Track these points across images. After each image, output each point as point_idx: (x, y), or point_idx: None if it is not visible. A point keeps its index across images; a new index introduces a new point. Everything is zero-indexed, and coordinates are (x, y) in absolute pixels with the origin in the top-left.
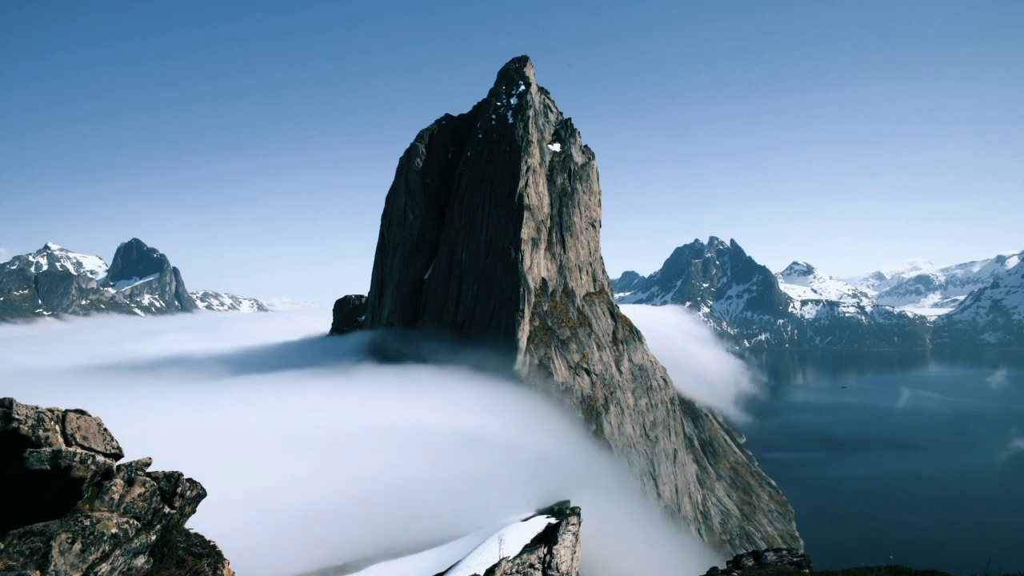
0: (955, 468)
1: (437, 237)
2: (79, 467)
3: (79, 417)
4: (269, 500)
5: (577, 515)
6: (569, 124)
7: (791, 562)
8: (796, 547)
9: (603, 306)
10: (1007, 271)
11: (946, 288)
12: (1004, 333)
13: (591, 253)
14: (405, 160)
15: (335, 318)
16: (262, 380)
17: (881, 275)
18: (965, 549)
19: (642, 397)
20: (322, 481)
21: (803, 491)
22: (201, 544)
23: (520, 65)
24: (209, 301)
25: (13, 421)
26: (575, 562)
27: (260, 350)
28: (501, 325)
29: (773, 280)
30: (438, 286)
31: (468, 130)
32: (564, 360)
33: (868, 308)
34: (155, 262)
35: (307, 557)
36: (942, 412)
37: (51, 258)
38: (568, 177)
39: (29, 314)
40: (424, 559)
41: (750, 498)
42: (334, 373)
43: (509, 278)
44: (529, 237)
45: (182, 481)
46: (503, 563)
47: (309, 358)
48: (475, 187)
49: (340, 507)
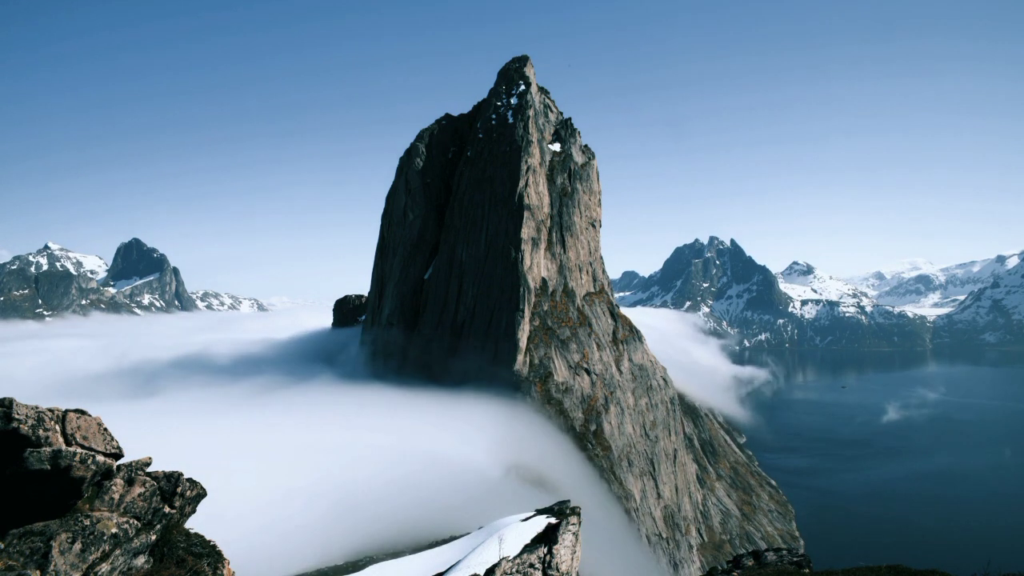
0: (955, 468)
1: (437, 237)
2: (79, 467)
3: (79, 417)
4: (269, 500)
5: (577, 515)
6: (569, 124)
7: (791, 562)
8: (796, 547)
9: (603, 306)
10: (1007, 271)
11: (946, 288)
12: (1004, 333)
13: (591, 253)
14: (405, 160)
15: (335, 317)
16: (272, 389)
17: (881, 275)
18: (965, 549)
19: (642, 397)
20: (322, 481)
21: (803, 491)
22: (201, 544)
23: (520, 65)
24: (209, 301)
25: (13, 421)
26: (575, 562)
27: (264, 352)
28: (501, 325)
29: (773, 280)
30: (438, 286)
31: (468, 130)
32: (564, 360)
33: (868, 308)
34: (155, 262)
35: (307, 557)
36: (942, 412)
37: (51, 258)
38: (568, 177)
39: (29, 314)
40: (424, 559)
41: (750, 498)
42: (338, 386)
43: (509, 278)
44: (529, 237)
45: (182, 481)
46: (503, 563)
47: (313, 364)
48: (475, 187)
49: (340, 507)
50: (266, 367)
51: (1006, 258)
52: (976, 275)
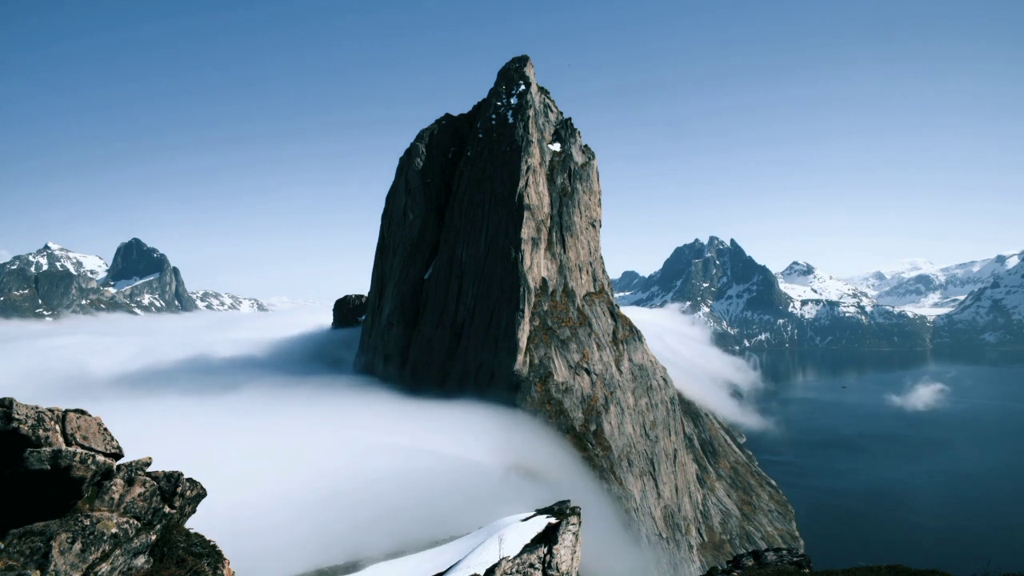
0: (955, 467)
1: (437, 237)
2: (79, 467)
3: (79, 417)
4: (269, 500)
5: (577, 515)
6: (569, 124)
7: (791, 562)
8: (796, 547)
9: (603, 306)
10: (1007, 271)
11: (946, 288)
12: (1004, 333)
13: (591, 253)
14: (405, 160)
15: (335, 317)
16: (271, 390)
17: (881, 275)
18: (966, 549)
19: (642, 397)
20: (322, 481)
21: (803, 491)
22: (201, 544)
23: (520, 65)
24: (209, 301)
25: (13, 421)
26: (575, 562)
27: (263, 352)
28: (501, 325)
29: (773, 280)
30: (438, 286)
31: (468, 130)
32: (564, 360)
33: (868, 308)
34: (155, 262)
35: (307, 557)
36: (942, 412)
37: (51, 258)
38: (568, 177)
39: (29, 314)
40: (424, 559)
41: (750, 498)
42: (338, 386)
43: (509, 278)
44: (529, 237)
45: (182, 481)
46: (503, 563)
47: (312, 364)
48: (475, 187)
49: (340, 507)
50: (266, 367)
51: (1006, 258)
52: (976, 275)
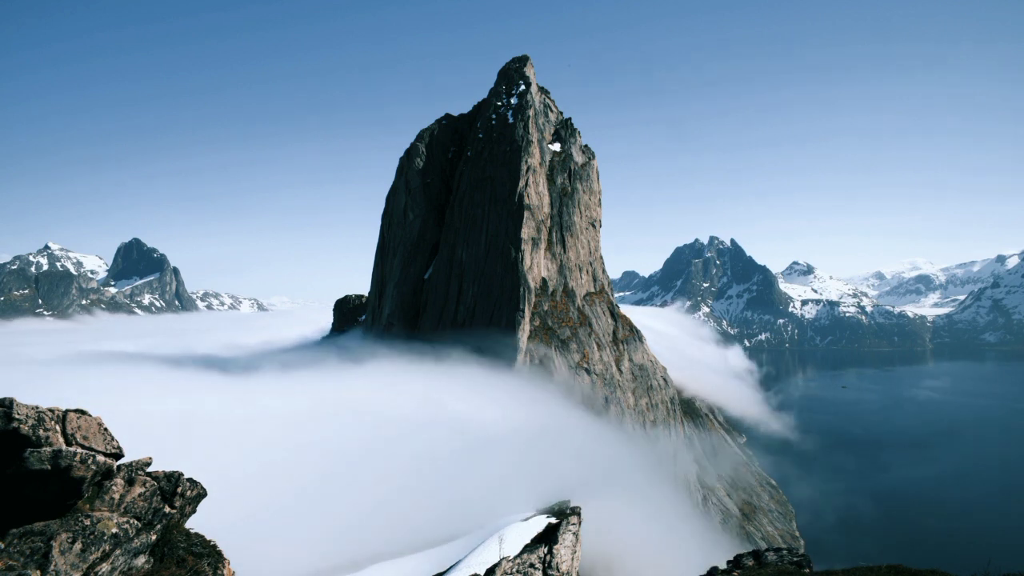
0: (955, 467)
1: (437, 237)
2: (79, 467)
3: (79, 417)
4: (269, 500)
5: (577, 515)
6: (569, 124)
7: (791, 562)
8: (796, 547)
9: (603, 306)
10: (1007, 271)
11: (946, 288)
12: (1004, 333)
13: (591, 253)
14: (405, 160)
15: (335, 318)
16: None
17: (881, 275)
18: (966, 549)
19: (642, 397)
20: (322, 481)
21: (803, 491)
22: (201, 544)
23: (520, 65)
24: (209, 301)
25: (13, 421)
26: (575, 562)
27: (263, 352)
28: (501, 325)
29: (773, 280)
30: (438, 286)
31: (468, 130)
32: (564, 360)
33: (868, 308)
34: (155, 262)
35: (307, 557)
36: (942, 412)
37: (51, 258)
38: (568, 177)
39: (29, 314)
40: (424, 559)
41: (750, 498)
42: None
43: (509, 278)
44: (529, 237)
45: (182, 481)
46: (503, 563)
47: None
48: (475, 187)
49: (340, 507)
50: (265, 367)
51: (1006, 258)
52: (976, 275)
